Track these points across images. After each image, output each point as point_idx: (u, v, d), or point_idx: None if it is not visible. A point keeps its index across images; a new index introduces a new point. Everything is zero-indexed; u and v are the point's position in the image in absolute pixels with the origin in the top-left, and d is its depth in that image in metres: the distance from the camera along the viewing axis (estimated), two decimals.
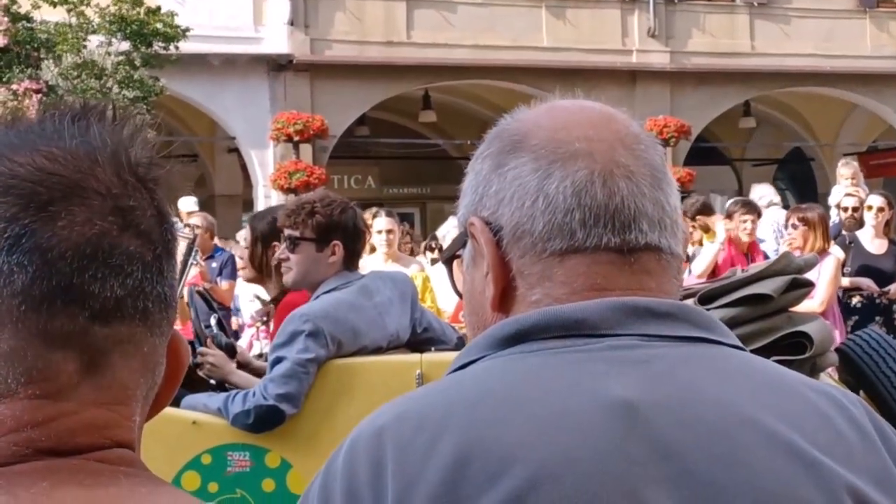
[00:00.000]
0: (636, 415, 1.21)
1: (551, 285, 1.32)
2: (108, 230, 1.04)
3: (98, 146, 1.08)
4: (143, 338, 1.07)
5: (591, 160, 1.33)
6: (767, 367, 1.34)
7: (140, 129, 1.13)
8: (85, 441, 1.04)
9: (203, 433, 4.47)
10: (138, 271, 1.05)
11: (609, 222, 1.31)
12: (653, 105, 24.33)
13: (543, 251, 1.32)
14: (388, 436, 1.22)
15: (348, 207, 4.76)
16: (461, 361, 1.33)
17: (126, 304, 1.05)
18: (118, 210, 1.05)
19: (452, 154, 27.11)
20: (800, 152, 30.18)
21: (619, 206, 1.31)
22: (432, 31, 23.53)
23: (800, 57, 25.70)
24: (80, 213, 1.03)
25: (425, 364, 4.48)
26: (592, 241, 1.31)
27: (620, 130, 1.37)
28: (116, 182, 1.07)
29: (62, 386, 1.03)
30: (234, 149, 24.22)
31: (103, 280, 1.03)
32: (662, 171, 1.37)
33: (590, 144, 1.34)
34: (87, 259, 1.03)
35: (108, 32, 16.56)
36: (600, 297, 1.30)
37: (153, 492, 1.05)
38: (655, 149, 1.39)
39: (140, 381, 1.08)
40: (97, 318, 1.03)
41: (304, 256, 4.68)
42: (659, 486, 1.17)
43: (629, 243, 1.32)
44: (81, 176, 1.05)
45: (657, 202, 1.34)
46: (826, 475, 1.21)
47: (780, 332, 3.96)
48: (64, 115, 1.10)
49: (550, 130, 1.36)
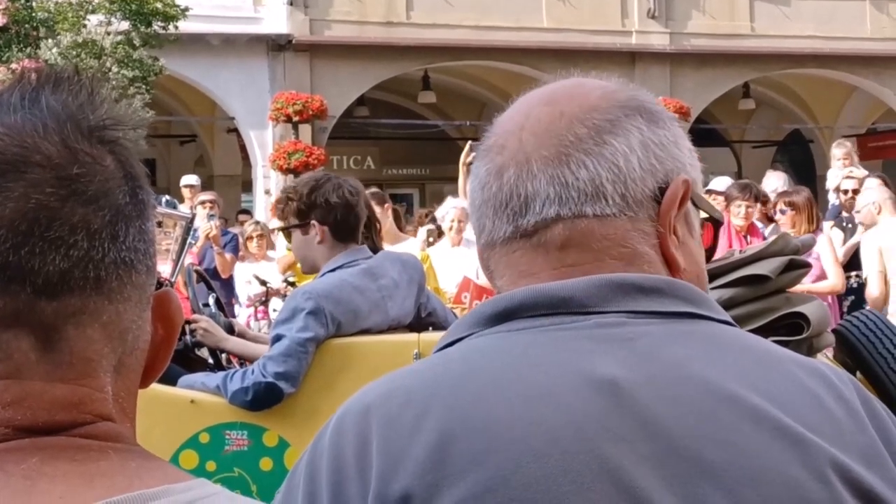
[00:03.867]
0: (621, 393, 1.21)
1: (495, 278, 1.38)
2: (46, 203, 1.01)
3: (45, 116, 1.06)
4: (100, 307, 1.04)
5: (499, 154, 1.37)
6: (756, 343, 1.33)
7: (100, 90, 1.09)
8: (65, 418, 1.03)
9: (201, 412, 4.48)
10: (84, 241, 1.02)
11: (504, 212, 1.35)
12: (652, 86, 24.23)
13: (482, 247, 1.40)
14: (375, 413, 1.22)
15: (321, 184, 4.66)
16: (448, 339, 1.34)
17: (73, 276, 1.02)
18: (60, 180, 1.03)
19: (452, 135, 27.10)
20: (799, 134, 30.14)
21: (510, 195, 1.34)
22: (432, 11, 23.47)
23: (800, 39, 25.66)
24: (15, 188, 1.01)
25: (423, 343, 4.48)
26: (499, 233, 1.36)
27: (551, 113, 1.36)
28: (62, 151, 1.04)
29: (19, 364, 1.02)
30: (234, 129, 24.20)
31: (42, 254, 1.01)
32: (581, 142, 1.33)
33: (505, 138, 1.37)
34: (22, 235, 1.00)
35: (107, 12, 16.52)
36: (530, 282, 1.32)
37: (143, 465, 1.04)
38: (592, 116, 1.35)
39: (104, 350, 1.05)
40: (42, 293, 1.01)
41: (297, 243, 4.68)
42: (643, 464, 1.17)
43: (522, 227, 1.34)
44: (23, 150, 1.03)
45: (556, 178, 1.32)
46: (812, 452, 1.21)
47: (777, 312, 3.97)
48: (14, 89, 1.08)
49: (497, 125, 1.42)
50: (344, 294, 4.48)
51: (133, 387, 1.11)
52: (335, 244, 4.62)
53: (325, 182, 4.68)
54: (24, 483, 0.99)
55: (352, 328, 4.51)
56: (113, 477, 1.02)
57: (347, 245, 4.64)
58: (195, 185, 12.94)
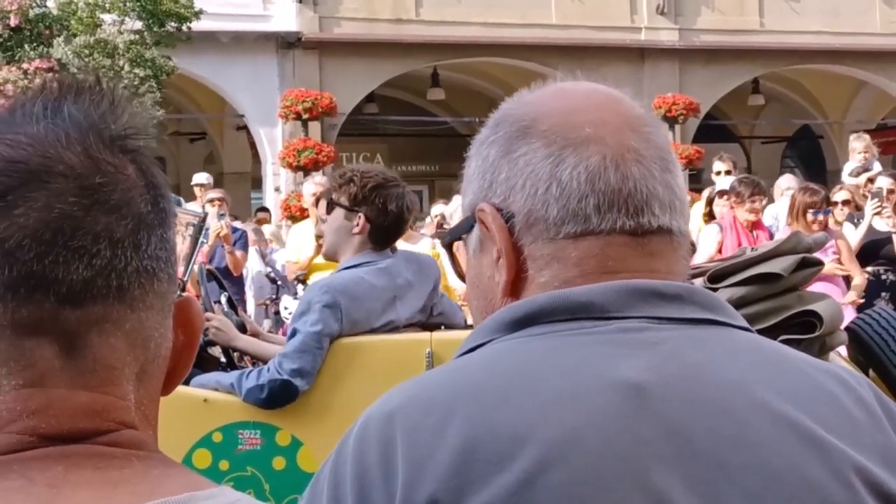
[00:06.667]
0: (644, 396, 1.21)
1: (561, 267, 1.33)
2: (70, 212, 1.02)
3: (67, 126, 1.06)
4: (123, 315, 1.05)
5: (602, 145, 1.33)
6: (775, 348, 1.34)
7: (122, 99, 1.10)
8: (89, 426, 1.03)
9: (214, 411, 4.48)
10: (107, 250, 1.03)
11: (623, 206, 1.32)
12: (661, 82, 24.27)
13: (557, 234, 1.33)
14: (398, 419, 1.22)
15: (384, 185, 4.61)
16: (469, 345, 1.34)
17: (96, 284, 1.03)
18: (83, 190, 1.03)
19: (461, 132, 27.06)
20: (809, 130, 30.09)
21: (633, 191, 1.32)
22: (441, 8, 23.47)
23: (809, 34, 25.60)
24: (38, 198, 1.02)
25: (435, 342, 4.48)
26: (607, 225, 1.32)
27: (628, 113, 1.38)
28: (85, 161, 1.05)
29: (43, 372, 1.02)
30: (243, 126, 24.22)
31: (66, 263, 1.02)
32: (669, 152, 1.38)
33: (600, 129, 1.34)
34: (46, 244, 1.01)
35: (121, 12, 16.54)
36: (610, 279, 1.30)
37: (165, 473, 1.05)
38: (661, 130, 1.40)
39: (127, 359, 1.06)
40: (66, 302, 1.02)
41: (335, 222, 4.63)
42: (666, 467, 1.18)
43: (643, 226, 1.32)
44: (45, 160, 1.04)
45: (667, 185, 1.35)
46: (833, 455, 1.21)
47: (789, 311, 3.95)
48: (36, 99, 1.09)
49: (560, 115, 1.36)
50: (360, 291, 4.48)
51: (155, 394, 1.12)
52: (367, 244, 4.62)
53: (392, 186, 4.65)
54: (48, 491, 1.00)
55: (365, 326, 4.51)
56: (136, 485, 1.02)
57: (375, 247, 4.64)
58: (206, 183, 12.93)
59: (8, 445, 1.02)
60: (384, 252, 4.66)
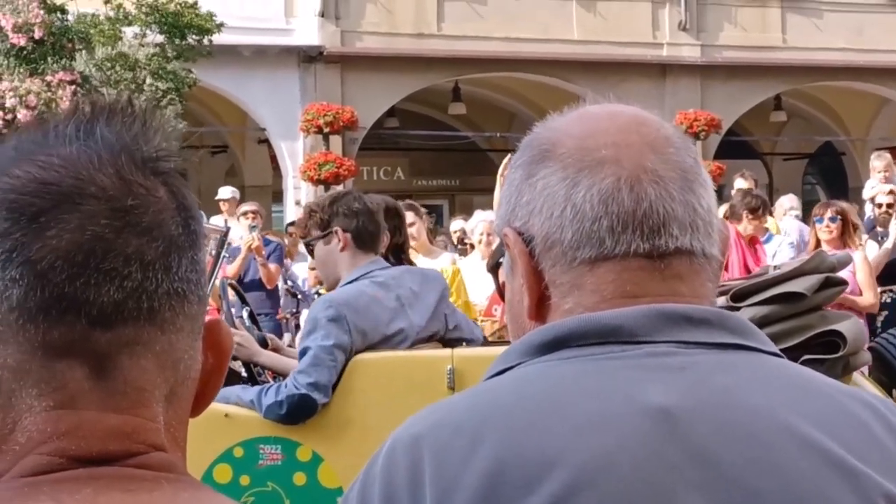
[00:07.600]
0: (673, 421, 1.21)
1: (581, 294, 1.32)
2: (102, 234, 1.02)
3: (100, 148, 1.07)
4: (153, 337, 1.05)
5: (617, 167, 1.32)
6: (803, 373, 1.34)
7: (153, 121, 1.11)
8: (119, 448, 1.03)
9: (235, 426, 4.49)
10: (138, 272, 1.03)
11: (637, 228, 1.31)
12: (683, 98, 24.24)
13: (574, 259, 1.32)
14: (426, 442, 1.23)
15: (341, 195, 4.91)
16: (498, 368, 1.34)
17: (127, 306, 1.03)
18: (114, 212, 1.04)
19: (482, 146, 27.11)
20: (831, 147, 29.98)
21: (648, 212, 1.31)
22: (462, 23, 23.49)
23: (831, 51, 25.54)
24: (71, 220, 1.02)
25: (457, 359, 4.48)
26: (622, 248, 1.31)
27: (650, 134, 1.37)
28: (117, 183, 1.05)
29: (73, 394, 1.02)
30: (265, 140, 24.26)
31: (97, 285, 1.02)
32: (695, 172, 1.36)
33: (617, 151, 1.34)
34: (78, 266, 1.01)
35: (143, 24, 16.61)
36: (632, 304, 1.30)
37: (194, 496, 1.05)
38: (688, 150, 1.38)
39: (157, 381, 1.06)
40: (97, 324, 1.02)
41: (320, 256, 4.81)
42: (695, 492, 1.18)
43: (659, 248, 1.31)
44: (78, 181, 1.04)
45: (688, 205, 1.33)
46: (863, 482, 1.21)
47: (813, 330, 3.95)
48: (69, 120, 1.09)
49: (578, 138, 1.36)
50: (362, 302, 4.57)
51: (184, 416, 1.12)
52: (357, 252, 4.73)
53: (345, 194, 4.94)
54: None
55: (375, 335, 4.56)
56: None
57: (368, 254, 4.74)
58: (229, 198, 12.93)
59: (38, 467, 1.01)
60: (378, 260, 4.79)
